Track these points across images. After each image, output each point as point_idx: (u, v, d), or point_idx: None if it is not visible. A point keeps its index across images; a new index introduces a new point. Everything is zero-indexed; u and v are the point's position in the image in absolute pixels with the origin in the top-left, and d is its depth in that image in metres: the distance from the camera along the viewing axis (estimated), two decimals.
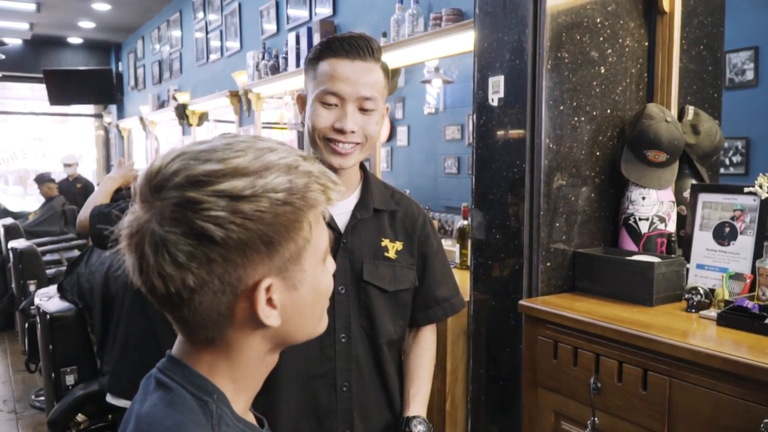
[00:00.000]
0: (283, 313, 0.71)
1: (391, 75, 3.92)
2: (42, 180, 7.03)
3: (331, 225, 1.32)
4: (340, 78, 1.28)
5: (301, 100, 1.39)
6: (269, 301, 0.70)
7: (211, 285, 0.66)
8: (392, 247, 1.40)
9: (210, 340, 0.71)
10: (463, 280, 2.69)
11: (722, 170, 3.11)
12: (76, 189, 7.66)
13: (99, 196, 2.24)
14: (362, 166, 1.43)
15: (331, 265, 0.79)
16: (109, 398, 2.30)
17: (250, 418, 0.77)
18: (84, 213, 2.13)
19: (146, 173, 0.69)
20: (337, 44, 1.29)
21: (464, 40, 2.87)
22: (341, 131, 1.29)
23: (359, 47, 1.29)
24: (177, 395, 0.70)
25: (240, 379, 0.74)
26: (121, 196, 2.32)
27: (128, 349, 2.18)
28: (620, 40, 2.01)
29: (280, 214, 0.67)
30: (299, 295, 0.72)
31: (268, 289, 0.69)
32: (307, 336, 0.77)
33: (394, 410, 1.45)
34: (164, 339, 1.92)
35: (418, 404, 1.42)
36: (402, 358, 1.52)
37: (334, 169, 1.32)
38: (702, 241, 1.88)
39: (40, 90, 9.86)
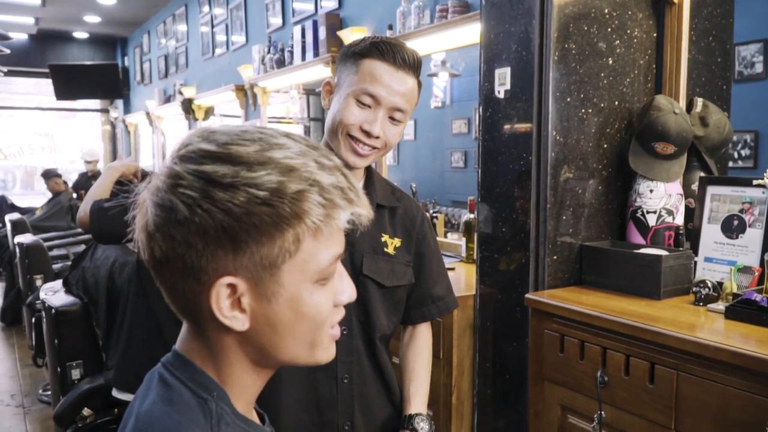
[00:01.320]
0: (253, 321, 0.67)
1: None
2: (49, 175, 7.04)
3: None
4: (382, 82, 1.29)
5: (330, 87, 1.38)
6: (237, 303, 0.66)
7: (175, 263, 0.65)
8: (391, 243, 1.41)
9: (195, 325, 0.71)
10: (469, 273, 2.69)
11: (731, 163, 3.08)
12: (90, 185, 7.68)
13: (99, 189, 2.19)
14: None
15: (340, 291, 0.73)
16: (115, 392, 2.31)
17: (252, 416, 0.75)
18: (84, 208, 2.08)
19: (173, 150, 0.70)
20: (387, 49, 1.29)
21: (471, 32, 2.85)
22: (367, 133, 1.31)
23: (406, 58, 1.30)
24: (176, 393, 0.68)
25: (226, 381, 0.71)
26: (121, 190, 2.31)
27: (133, 343, 2.17)
28: (628, 31, 1.99)
29: (254, 213, 0.63)
30: (273, 310, 0.67)
31: (234, 290, 0.65)
32: (294, 357, 0.72)
33: (393, 403, 1.46)
34: (169, 333, 1.91)
35: (419, 402, 1.43)
36: (399, 355, 1.53)
37: (348, 166, 1.32)
38: (710, 234, 1.86)
39: (47, 85, 9.88)
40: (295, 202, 0.64)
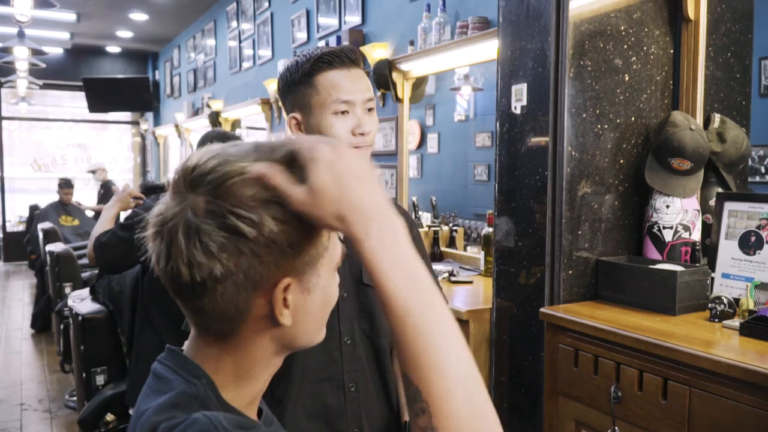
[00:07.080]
0: (294, 315, 0.73)
1: (418, 83, 3.94)
2: (70, 184, 7.20)
3: None
4: (344, 87, 1.33)
5: (296, 121, 1.39)
6: (284, 301, 0.72)
7: (236, 278, 0.69)
8: None
9: (221, 334, 0.74)
10: (487, 287, 2.69)
11: (757, 179, 3.05)
12: (109, 195, 7.85)
13: (101, 227, 2.31)
14: None
15: (337, 276, 0.82)
16: (131, 411, 2.36)
17: (252, 414, 0.78)
18: (89, 246, 2.23)
19: (182, 168, 0.72)
20: (331, 57, 1.33)
21: (490, 48, 2.87)
22: (362, 134, 1.35)
23: (350, 57, 1.35)
24: (164, 382, 0.73)
25: (242, 376, 0.75)
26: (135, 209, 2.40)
27: (140, 363, 2.22)
28: (645, 48, 2.00)
29: (306, 220, 0.69)
30: (311, 299, 0.75)
31: (286, 289, 0.71)
32: (308, 342, 0.79)
33: (392, 408, 1.47)
34: None
35: None
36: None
37: None
38: (727, 250, 1.85)
39: (80, 98, 10.13)
40: None
